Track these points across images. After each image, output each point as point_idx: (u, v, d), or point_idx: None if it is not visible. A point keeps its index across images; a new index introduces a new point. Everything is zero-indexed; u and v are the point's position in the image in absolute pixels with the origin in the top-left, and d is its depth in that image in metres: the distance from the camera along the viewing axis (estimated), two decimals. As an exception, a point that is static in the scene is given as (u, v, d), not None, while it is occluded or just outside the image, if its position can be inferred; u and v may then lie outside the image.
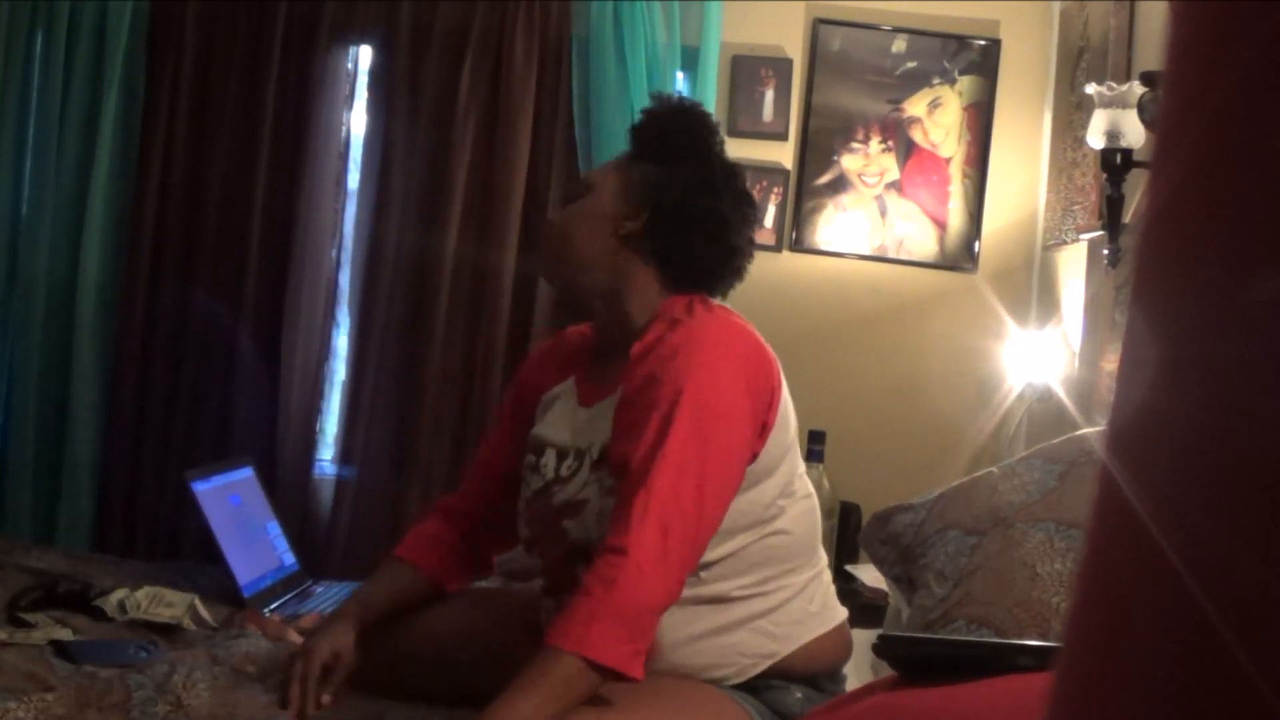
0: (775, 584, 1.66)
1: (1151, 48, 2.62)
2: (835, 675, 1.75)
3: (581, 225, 1.74)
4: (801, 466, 1.73)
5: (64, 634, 1.98)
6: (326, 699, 1.69)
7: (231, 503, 2.64)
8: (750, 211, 1.76)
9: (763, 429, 1.62)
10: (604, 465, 1.64)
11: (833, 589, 1.79)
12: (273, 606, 2.48)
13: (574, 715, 1.44)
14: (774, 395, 1.64)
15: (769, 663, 1.65)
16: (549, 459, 1.73)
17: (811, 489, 1.75)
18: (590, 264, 1.73)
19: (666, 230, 1.70)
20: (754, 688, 1.64)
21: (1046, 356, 3.03)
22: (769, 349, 1.67)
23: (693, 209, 1.70)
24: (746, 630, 1.64)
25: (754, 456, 1.62)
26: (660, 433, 1.53)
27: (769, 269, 3.20)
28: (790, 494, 1.69)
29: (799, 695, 1.66)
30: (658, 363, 1.60)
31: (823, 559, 1.78)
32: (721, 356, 1.60)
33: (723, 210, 1.71)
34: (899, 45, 3.36)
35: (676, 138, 1.74)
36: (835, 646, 1.73)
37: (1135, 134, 2.42)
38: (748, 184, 1.85)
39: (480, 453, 2.00)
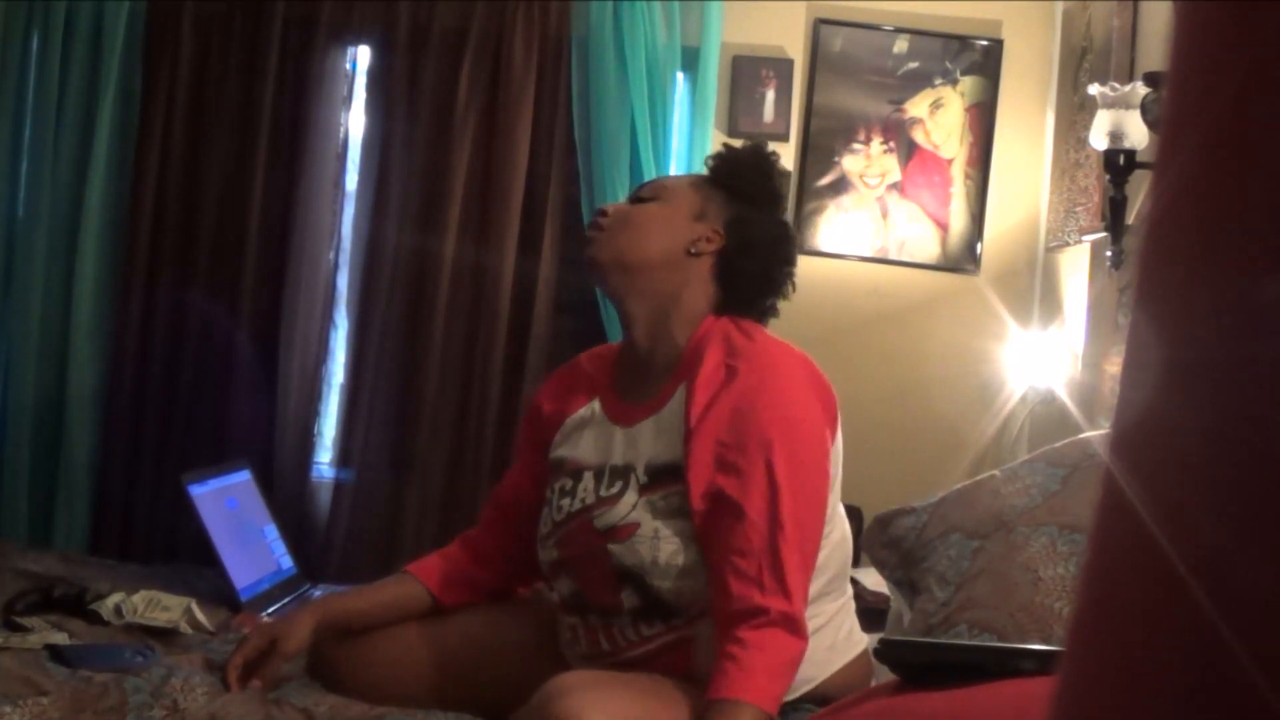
0: (811, 610, 1.66)
1: (1155, 48, 2.61)
2: None
3: (654, 227, 1.75)
4: (839, 494, 1.76)
5: (60, 638, 1.97)
6: (256, 684, 1.76)
7: (229, 506, 2.63)
8: (794, 253, 1.83)
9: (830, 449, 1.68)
10: (655, 488, 1.65)
11: (856, 618, 1.82)
12: (270, 610, 2.47)
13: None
14: (837, 417, 1.70)
15: (805, 689, 1.67)
16: (587, 482, 1.72)
17: (846, 522, 1.78)
18: (654, 266, 1.73)
19: (738, 260, 1.74)
20: (781, 710, 1.65)
21: (1049, 359, 3.02)
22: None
23: (767, 248, 1.76)
24: None
25: None
26: (770, 480, 1.57)
27: (769, 270, 3.19)
28: (832, 522, 1.72)
29: None
30: (743, 396, 1.62)
31: (850, 589, 1.82)
32: (801, 385, 1.64)
33: (788, 253, 1.79)
34: (900, 45, 3.35)
35: (756, 178, 1.78)
36: (860, 674, 1.76)
37: (1138, 135, 2.41)
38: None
39: (501, 488, 1.99)
